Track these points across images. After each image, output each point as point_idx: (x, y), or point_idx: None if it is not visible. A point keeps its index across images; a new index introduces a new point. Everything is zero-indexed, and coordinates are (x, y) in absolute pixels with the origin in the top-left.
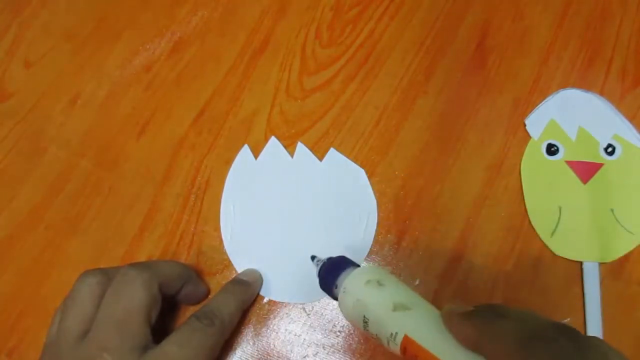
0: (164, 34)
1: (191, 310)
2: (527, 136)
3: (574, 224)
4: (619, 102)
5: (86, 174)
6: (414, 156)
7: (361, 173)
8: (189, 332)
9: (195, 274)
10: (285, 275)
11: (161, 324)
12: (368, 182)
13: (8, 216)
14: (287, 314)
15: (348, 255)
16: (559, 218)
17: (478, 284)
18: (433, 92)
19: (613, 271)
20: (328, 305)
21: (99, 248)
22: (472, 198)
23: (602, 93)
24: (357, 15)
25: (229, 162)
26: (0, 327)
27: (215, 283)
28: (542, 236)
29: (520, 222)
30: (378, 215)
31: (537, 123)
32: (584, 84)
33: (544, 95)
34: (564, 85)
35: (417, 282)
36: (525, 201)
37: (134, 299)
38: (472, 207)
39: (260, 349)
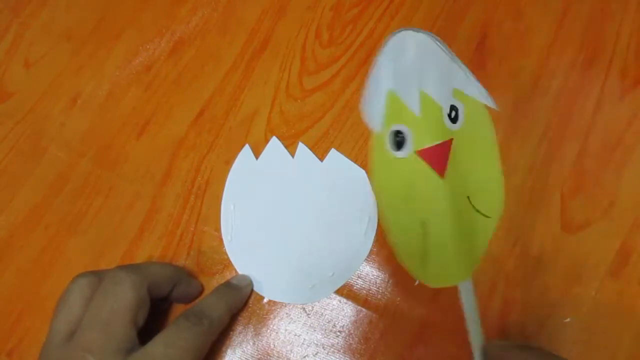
0: (164, 34)
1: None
2: None
3: (442, 239)
4: (619, 102)
5: (86, 174)
6: None
7: (362, 174)
8: (176, 331)
9: (187, 274)
10: (285, 276)
11: (153, 326)
12: (369, 183)
13: (8, 216)
14: (287, 314)
15: (348, 255)
16: (425, 237)
17: (478, 284)
18: None
19: (613, 271)
20: (328, 305)
21: (99, 248)
22: None
23: (602, 93)
24: (357, 15)
25: (229, 162)
26: (0, 327)
27: (215, 283)
28: (414, 272)
29: (520, 222)
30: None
31: (375, 103)
32: (584, 84)
33: (544, 95)
34: (564, 84)
35: (417, 282)
36: (384, 228)
37: (121, 300)
38: None
39: (260, 349)
